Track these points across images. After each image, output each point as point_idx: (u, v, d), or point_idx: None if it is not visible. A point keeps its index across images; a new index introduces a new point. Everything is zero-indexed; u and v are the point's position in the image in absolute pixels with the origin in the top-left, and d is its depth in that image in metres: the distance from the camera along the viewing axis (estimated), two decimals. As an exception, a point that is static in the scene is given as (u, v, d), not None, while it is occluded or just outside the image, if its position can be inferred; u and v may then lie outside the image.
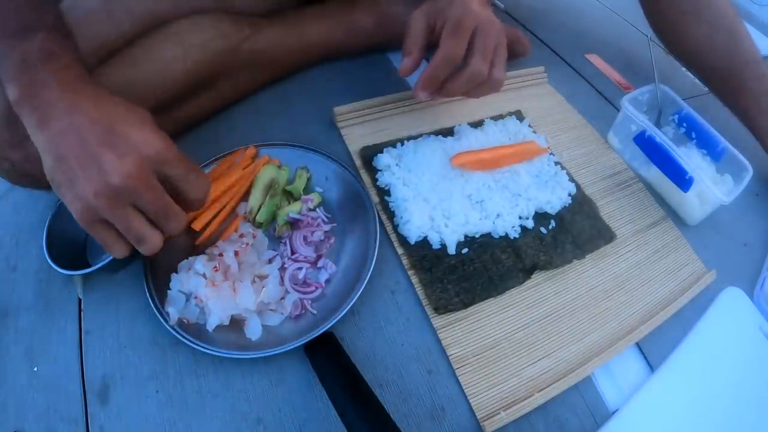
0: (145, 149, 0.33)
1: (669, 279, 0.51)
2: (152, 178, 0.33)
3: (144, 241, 0.35)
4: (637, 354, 0.46)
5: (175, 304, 0.41)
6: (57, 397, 0.39)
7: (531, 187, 0.53)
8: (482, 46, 0.45)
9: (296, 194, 0.50)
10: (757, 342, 0.49)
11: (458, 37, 0.45)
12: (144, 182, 0.33)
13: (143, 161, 0.32)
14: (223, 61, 0.52)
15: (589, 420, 0.42)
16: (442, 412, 0.40)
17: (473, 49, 0.45)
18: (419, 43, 0.48)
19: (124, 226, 0.34)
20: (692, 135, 0.59)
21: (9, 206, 0.51)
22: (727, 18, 0.60)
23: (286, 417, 0.39)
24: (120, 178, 0.31)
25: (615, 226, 0.54)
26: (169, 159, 0.34)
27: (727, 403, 0.44)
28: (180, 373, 0.41)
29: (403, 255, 0.48)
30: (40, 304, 0.44)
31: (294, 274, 0.45)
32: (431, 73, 0.47)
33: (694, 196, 0.54)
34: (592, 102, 0.70)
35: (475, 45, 0.45)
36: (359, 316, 0.45)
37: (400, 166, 0.53)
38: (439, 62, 0.46)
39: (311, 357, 0.40)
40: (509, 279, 0.47)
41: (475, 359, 0.43)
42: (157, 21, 0.48)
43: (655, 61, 0.61)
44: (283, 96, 0.62)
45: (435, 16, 0.47)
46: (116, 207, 0.32)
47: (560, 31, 0.81)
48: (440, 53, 0.46)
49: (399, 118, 0.60)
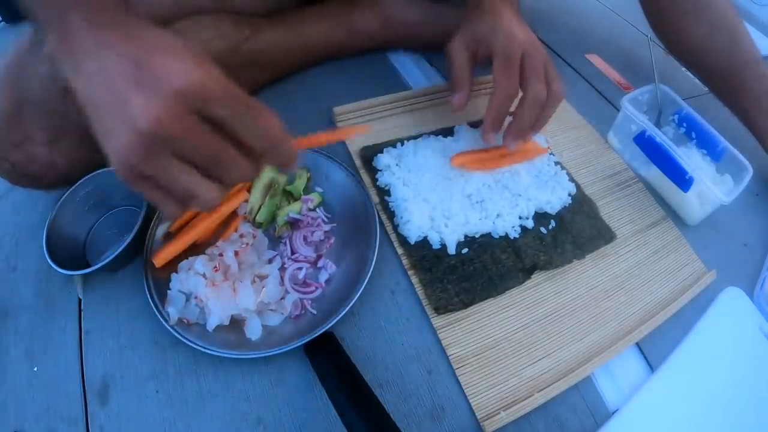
0: (179, 82, 0.26)
1: (669, 279, 0.51)
2: (190, 119, 0.27)
3: (195, 195, 0.29)
4: (637, 354, 0.46)
5: (175, 304, 0.41)
6: (57, 397, 0.39)
7: (531, 187, 0.53)
8: (533, 71, 0.46)
9: (296, 194, 0.50)
10: (757, 342, 0.49)
11: (511, 72, 0.46)
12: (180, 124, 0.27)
13: (177, 98, 0.26)
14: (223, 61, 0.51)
15: (589, 420, 0.42)
16: (442, 412, 0.40)
17: (526, 76, 0.46)
18: (467, 77, 0.50)
19: (167, 180, 0.28)
20: (692, 135, 0.59)
21: (9, 206, 0.51)
22: (727, 18, 0.60)
23: (286, 417, 0.39)
24: (148, 123, 0.26)
25: (615, 226, 0.54)
26: (214, 93, 0.27)
27: (727, 403, 0.44)
28: (180, 373, 0.41)
29: (403, 255, 0.48)
30: (40, 304, 0.44)
31: (294, 274, 0.45)
32: (496, 115, 0.48)
33: (694, 196, 0.54)
34: (592, 102, 0.70)
35: (527, 72, 0.46)
36: (359, 316, 0.45)
37: (400, 166, 0.53)
38: (501, 102, 0.47)
39: (311, 357, 0.40)
40: (509, 279, 0.47)
41: (475, 359, 0.43)
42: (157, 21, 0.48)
43: (655, 61, 0.61)
44: (283, 96, 0.62)
45: (476, 45, 0.49)
46: (152, 158, 0.27)
47: (560, 31, 0.81)
48: (499, 94, 0.47)
49: (399, 118, 0.60)
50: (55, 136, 0.44)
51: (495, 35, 0.47)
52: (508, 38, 0.46)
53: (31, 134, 0.43)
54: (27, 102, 0.42)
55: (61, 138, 0.44)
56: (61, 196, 0.46)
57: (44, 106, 0.42)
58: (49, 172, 0.45)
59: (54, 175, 0.45)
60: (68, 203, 0.46)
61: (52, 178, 0.45)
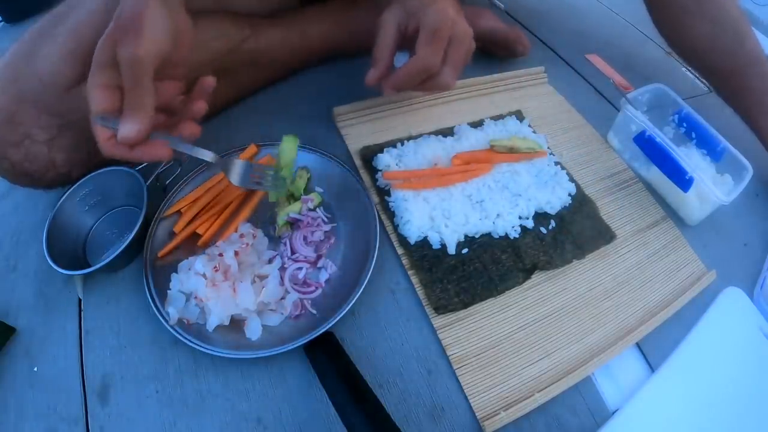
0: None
1: (669, 279, 0.51)
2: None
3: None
4: (637, 354, 0.46)
5: (175, 304, 0.41)
6: (57, 397, 0.39)
7: (531, 187, 0.53)
8: (454, 58, 0.46)
9: (296, 194, 0.50)
10: (757, 342, 0.49)
11: (436, 48, 0.45)
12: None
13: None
14: (224, 60, 0.52)
15: (589, 420, 0.42)
16: (441, 412, 0.40)
17: (446, 59, 0.46)
18: (388, 53, 0.48)
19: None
20: (692, 135, 0.59)
21: (9, 206, 0.51)
22: (731, 16, 0.59)
23: (286, 417, 0.39)
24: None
25: (615, 226, 0.54)
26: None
27: (727, 403, 0.44)
28: (180, 373, 0.41)
29: (403, 255, 0.48)
30: (40, 304, 0.44)
31: (294, 274, 0.45)
32: (406, 78, 0.47)
33: (694, 196, 0.54)
34: (592, 102, 0.70)
35: (448, 56, 0.46)
36: (359, 316, 0.45)
37: (400, 166, 0.53)
38: (416, 70, 0.46)
39: (311, 357, 0.40)
40: (509, 279, 0.47)
41: (475, 359, 0.43)
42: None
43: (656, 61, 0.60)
44: (283, 96, 0.62)
45: (407, 19, 0.47)
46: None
47: (560, 31, 0.81)
48: (418, 62, 0.45)
49: (399, 118, 0.60)
50: (54, 136, 0.44)
51: (426, 10, 0.46)
52: (440, 15, 0.45)
53: (31, 133, 0.43)
54: (26, 101, 0.42)
55: (61, 137, 0.44)
56: (61, 196, 0.46)
57: (44, 106, 0.42)
58: (49, 171, 0.45)
59: (53, 174, 0.45)
60: (68, 203, 0.46)
61: (51, 177, 0.45)
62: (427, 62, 0.45)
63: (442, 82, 0.47)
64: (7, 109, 0.41)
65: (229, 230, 0.47)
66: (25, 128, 0.42)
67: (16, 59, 0.42)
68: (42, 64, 0.41)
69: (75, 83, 0.42)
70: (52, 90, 0.41)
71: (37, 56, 0.41)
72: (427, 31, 0.45)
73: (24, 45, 0.42)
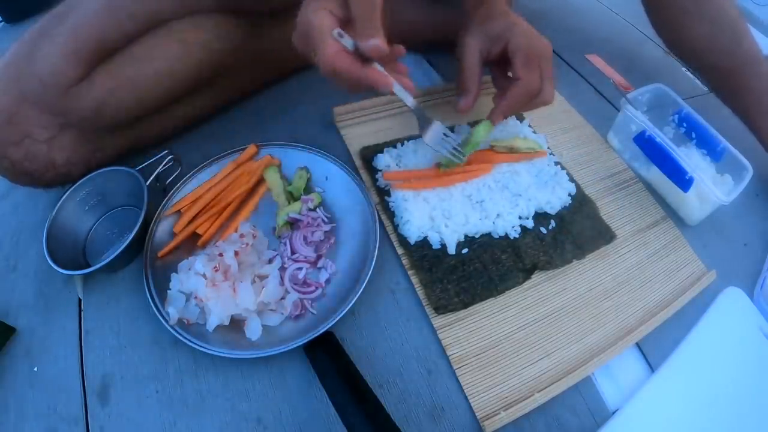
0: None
1: (669, 279, 0.51)
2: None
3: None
4: (637, 354, 0.46)
5: (175, 304, 0.41)
6: (57, 397, 0.39)
7: (531, 187, 0.53)
8: (549, 74, 0.48)
9: (296, 194, 0.50)
10: (757, 342, 0.49)
11: (534, 71, 0.47)
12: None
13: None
14: (225, 60, 0.52)
15: (589, 420, 0.42)
16: (441, 412, 0.40)
17: (543, 78, 0.48)
18: (476, 79, 0.50)
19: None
20: (692, 135, 0.58)
21: (9, 206, 0.51)
22: (729, 16, 0.59)
23: (286, 417, 0.39)
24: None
25: (615, 226, 0.54)
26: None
27: (727, 403, 0.44)
28: (180, 373, 0.41)
29: (403, 255, 0.48)
30: (40, 304, 0.44)
31: (294, 274, 0.45)
32: (513, 105, 0.49)
33: (694, 196, 0.54)
34: (592, 102, 0.69)
35: (543, 71, 0.48)
36: (359, 316, 0.45)
37: (400, 166, 0.53)
38: (522, 96, 0.48)
39: (311, 357, 0.40)
40: (509, 279, 0.47)
41: (475, 359, 0.43)
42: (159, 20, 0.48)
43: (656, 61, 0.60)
44: (284, 96, 0.62)
45: (490, 44, 0.49)
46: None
47: (560, 31, 0.81)
48: (523, 88, 0.48)
49: (399, 118, 0.60)
50: (54, 135, 0.44)
51: (515, 33, 0.48)
52: (529, 37, 0.48)
53: (31, 132, 0.43)
54: (27, 101, 0.42)
55: (61, 137, 0.44)
56: (61, 197, 0.46)
57: (44, 105, 0.42)
58: (48, 171, 0.45)
59: (53, 174, 0.45)
60: (68, 203, 0.46)
61: (51, 177, 0.45)
62: (531, 87, 0.48)
63: (546, 99, 0.49)
64: (8, 108, 0.41)
65: (229, 230, 0.47)
66: (25, 128, 0.42)
67: (17, 59, 0.42)
68: (42, 64, 0.41)
69: (75, 83, 0.42)
70: (53, 90, 0.41)
71: (38, 56, 0.41)
72: (522, 56, 0.47)
73: (24, 45, 0.42)
